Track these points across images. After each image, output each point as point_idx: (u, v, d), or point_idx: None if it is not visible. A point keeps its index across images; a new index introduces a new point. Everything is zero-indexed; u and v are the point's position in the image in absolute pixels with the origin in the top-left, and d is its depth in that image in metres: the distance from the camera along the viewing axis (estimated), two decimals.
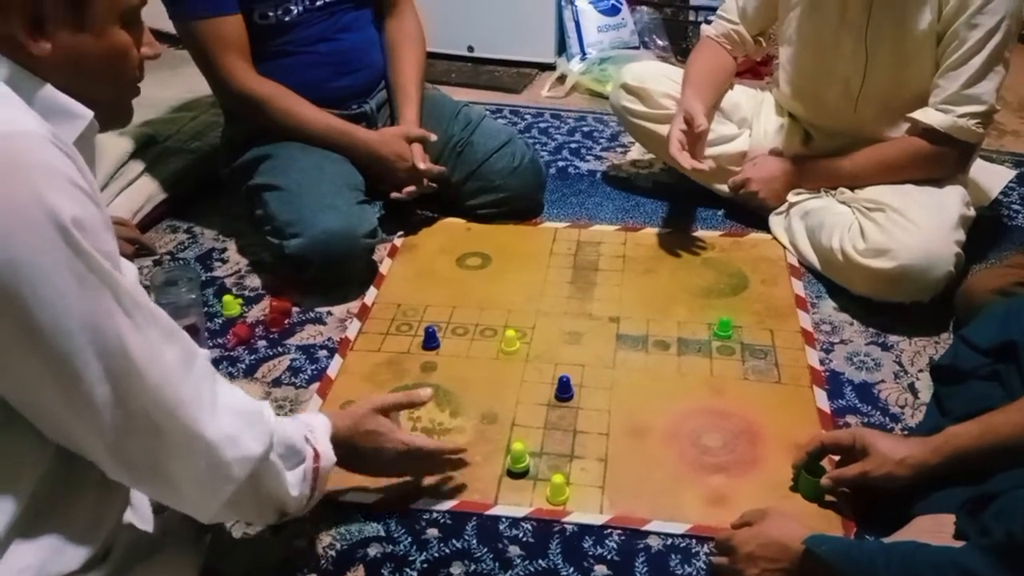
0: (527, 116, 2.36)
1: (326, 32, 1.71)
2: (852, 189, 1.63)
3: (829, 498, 1.16)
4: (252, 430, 0.84)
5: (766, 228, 1.75)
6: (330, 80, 1.73)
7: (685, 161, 1.61)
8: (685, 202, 1.88)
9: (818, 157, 1.71)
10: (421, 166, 1.70)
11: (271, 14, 1.64)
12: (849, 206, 1.60)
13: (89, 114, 0.79)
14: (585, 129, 2.27)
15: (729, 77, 1.83)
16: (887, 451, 1.06)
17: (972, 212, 1.56)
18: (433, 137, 1.73)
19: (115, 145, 1.85)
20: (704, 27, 1.85)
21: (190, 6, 1.59)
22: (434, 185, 1.75)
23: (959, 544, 0.92)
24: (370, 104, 1.81)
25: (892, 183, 1.57)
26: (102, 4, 0.78)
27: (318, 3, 1.68)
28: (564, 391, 1.36)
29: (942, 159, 1.54)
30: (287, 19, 1.66)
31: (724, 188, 1.80)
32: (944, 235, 1.46)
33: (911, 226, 1.45)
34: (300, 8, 1.67)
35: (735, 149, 1.80)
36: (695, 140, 1.63)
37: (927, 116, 1.52)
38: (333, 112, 1.72)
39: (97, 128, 0.81)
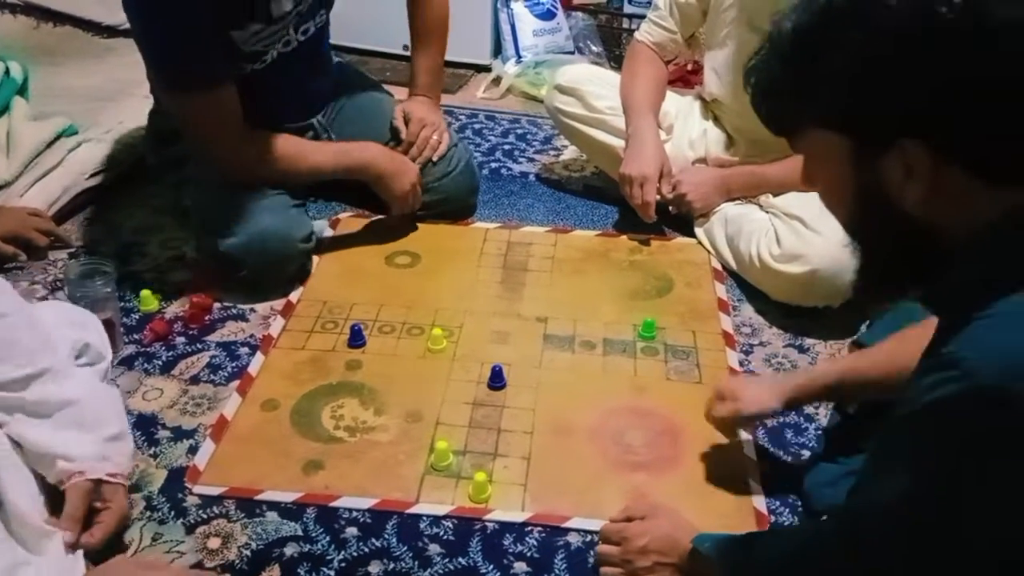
0: (461, 117, 2.36)
1: (289, 70, 1.64)
2: (776, 196, 1.66)
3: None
4: None
5: (691, 233, 1.78)
6: (289, 118, 1.68)
7: (650, 215, 1.72)
8: (614, 205, 1.90)
9: (746, 163, 1.74)
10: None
11: (248, 67, 1.57)
12: (767, 212, 1.64)
13: None
14: (519, 131, 2.28)
15: (665, 87, 1.86)
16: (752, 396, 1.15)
17: None
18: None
19: (32, 133, 1.78)
20: (638, 33, 1.87)
21: (188, 79, 1.46)
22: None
23: None
24: (317, 117, 1.76)
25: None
26: None
27: (292, 46, 1.61)
28: (496, 380, 1.37)
29: None
30: (260, 68, 1.59)
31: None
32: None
33: (823, 233, 1.49)
34: (274, 54, 1.59)
35: None
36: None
37: None
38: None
39: None
